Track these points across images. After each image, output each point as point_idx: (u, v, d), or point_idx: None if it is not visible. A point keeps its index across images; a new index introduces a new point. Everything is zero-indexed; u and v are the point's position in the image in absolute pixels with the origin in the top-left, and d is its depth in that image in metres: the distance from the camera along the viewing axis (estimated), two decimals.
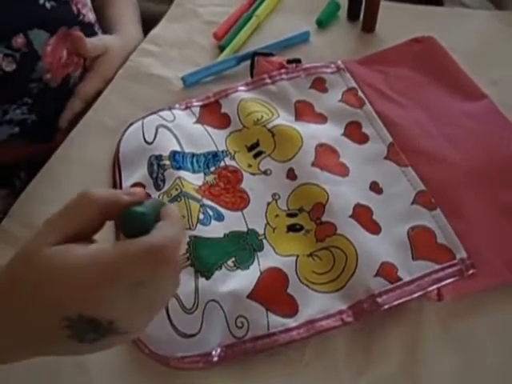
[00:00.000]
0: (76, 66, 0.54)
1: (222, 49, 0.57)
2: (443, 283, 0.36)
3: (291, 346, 0.36)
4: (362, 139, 0.46)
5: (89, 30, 0.55)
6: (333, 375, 0.35)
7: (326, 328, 0.36)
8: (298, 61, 0.51)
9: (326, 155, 0.45)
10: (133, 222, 0.26)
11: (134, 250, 0.25)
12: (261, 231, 0.42)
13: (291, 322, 0.37)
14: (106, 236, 0.29)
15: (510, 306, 0.37)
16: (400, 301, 0.36)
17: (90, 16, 0.56)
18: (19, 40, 0.47)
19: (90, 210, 0.27)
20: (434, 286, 0.36)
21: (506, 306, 0.37)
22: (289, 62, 0.51)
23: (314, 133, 0.47)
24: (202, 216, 0.42)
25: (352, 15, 0.58)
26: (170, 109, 0.51)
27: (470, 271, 0.37)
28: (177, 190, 0.44)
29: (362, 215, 0.41)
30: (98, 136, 0.51)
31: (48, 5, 0.50)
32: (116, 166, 0.48)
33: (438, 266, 0.37)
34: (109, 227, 0.32)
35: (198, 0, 0.63)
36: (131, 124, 0.50)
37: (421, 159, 0.43)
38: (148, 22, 0.64)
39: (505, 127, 0.44)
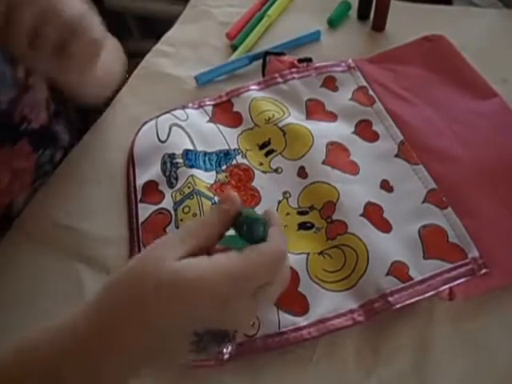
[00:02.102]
0: (20, 189, 0.43)
1: (234, 48, 0.55)
2: (455, 283, 0.34)
3: (301, 345, 0.34)
4: (373, 137, 0.44)
5: (39, 137, 0.44)
6: (343, 374, 0.34)
7: (337, 327, 0.34)
8: (309, 60, 0.49)
9: (336, 153, 0.43)
10: (258, 229, 0.28)
11: (261, 258, 0.26)
12: None
13: (302, 321, 0.35)
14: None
15: None
16: (412, 300, 0.34)
17: (42, 116, 0.44)
18: None
19: (224, 223, 0.28)
20: (446, 286, 0.34)
21: None
22: (300, 61, 0.49)
23: (324, 131, 0.45)
24: None
25: (362, 15, 0.55)
26: (183, 108, 0.49)
27: (483, 271, 0.34)
28: (189, 188, 0.42)
29: (373, 213, 0.38)
30: (113, 135, 0.49)
31: None
32: (130, 163, 0.46)
33: (449, 265, 0.35)
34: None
35: (211, 1, 0.61)
36: (145, 123, 0.48)
37: (432, 157, 0.40)
38: (161, 23, 0.62)
39: None
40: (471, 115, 0.43)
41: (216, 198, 0.41)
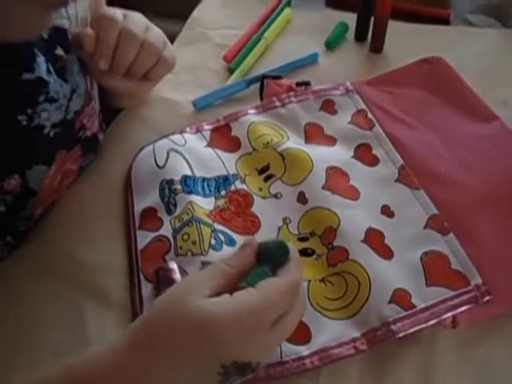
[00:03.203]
0: (65, 189, 0.47)
1: (231, 71, 0.56)
2: (458, 310, 0.35)
3: (304, 375, 0.35)
4: (373, 161, 0.45)
5: (90, 144, 0.48)
6: None
7: (340, 356, 0.35)
8: (307, 83, 0.51)
9: (336, 178, 0.44)
10: (285, 253, 0.32)
11: (278, 290, 0.29)
12: None
13: (304, 350, 0.35)
14: None
15: None
16: (415, 328, 0.35)
17: (95, 125, 0.49)
18: (13, 182, 0.39)
19: (251, 258, 0.32)
20: (449, 314, 0.35)
21: None
22: (298, 84, 0.50)
23: (324, 156, 0.46)
24: (213, 241, 0.41)
25: (360, 36, 0.57)
26: (181, 132, 0.50)
27: (486, 298, 0.35)
28: (188, 214, 0.43)
29: (374, 239, 0.40)
30: (111, 159, 0.51)
31: (52, 133, 0.41)
32: (128, 189, 0.47)
33: (452, 293, 0.36)
34: None
35: (208, 23, 0.63)
36: (143, 148, 0.50)
37: (432, 182, 0.42)
38: None
39: None
40: (472, 139, 0.44)
41: (215, 225, 0.42)
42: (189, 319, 0.28)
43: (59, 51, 0.40)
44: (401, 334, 0.35)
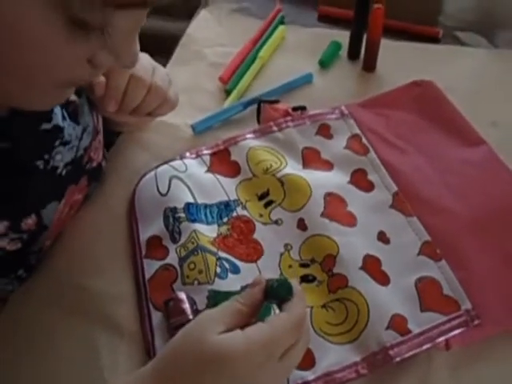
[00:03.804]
0: (71, 218, 0.49)
1: (228, 92, 0.58)
2: (450, 334, 0.39)
3: None
4: (368, 187, 0.48)
5: (95, 173, 0.50)
6: None
7: (343, 380, 0.38)
8: (303, 108, 0.53)
9: (334, 205, 0.47)
10: (289, 290, 0.35)
11: (285, 325, 0.32)
12: None
13: (310, 375, 0.39)
14: None
15: None
16: (411, 353, 0.38)
17: (100, 155, 0.51)
18: (29, 221, 0.41)
19: (259, 296, 0.35)
20: (442, 338, 0.39)
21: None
22: (294, 109, 0.53)
23: (321, 181, 0.49)
24: (219, 269, 0.44)
25: (352, 55, 0.60)
26: (181, 158, 0.52)
27: (476, 322, 0.39)
28: (193, 243, 0.45)
29: (372, 266, 0.43)
30: (113, 186, 0.52)
31: (64, 172, 0.44)
32: (132, 217, 0.49)
33: (444, 318, 0.39)
34: None
35: (202, 41, 0.64)
36: (145, 174, 0.52)
37: (424, 208, 0.45)
38: (165, 40, 0.65)
39: (504, 175, 0.46)
40: (461, 164, 0.47)
41: (220, 253, 0.45)
42: (205, 354, 0.31)
43: (72, 96, 0.42)
44: (398, 359, 0.38)
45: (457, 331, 0.39)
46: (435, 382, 0.39)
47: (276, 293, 0.35)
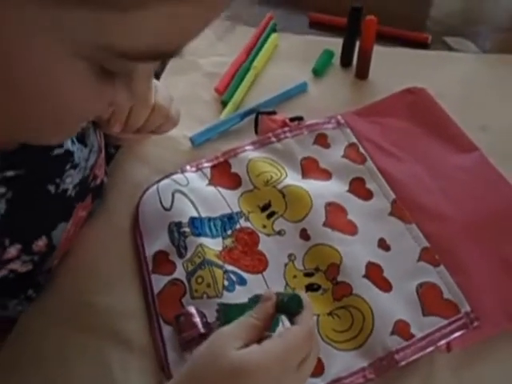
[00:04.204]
0: (76, 236, 0.50)
1: (224, 103, 0.59)
2: (451, 337, 0.41)
3: None
4: (367, 195, 0.50)
5: (98, 190, 0.51)
6: None
7: None
8: (300, 118, 0.54)
9: (335, 214, 0.49)
10: (300, 304, 0.37)
11: (300, 337, 0.34)
12: None
13: (319, 382, 0.41)
14: None
15: None
16: (415, 356, 0.41)
17: (103, 171, 0.52)
18: (40, 243, 0.42)
19: (271, 310, 0.36)
20: (444, 341, 0.41)
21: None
22: (292, 119, 0.54)
23: (321, 191, 0.50)
24: (226, 282, 0.45)
25: (345, 63, 0.61)
26: (182, 172, 0.54)
27: (475, 324, 0.42)
28: (199, 257, 0.47)
29: (374, 273, 0.45)
30: (116, 202, 0.53)
31: (73, 192, 0.45)
32: (137, 232, 0.51)
33: (445, 321, 0.42)
34: None
35: (197, 51, 0.65)
36: (147, 189, 0.53)
37: (422, 216, 0.47)
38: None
39: (497, 181, 0.48)
40: (455, 170, 0.50)
41: (226, 266, 0.47)
42: (226, 369, 0.33)
43: None
44: (403, 363, 0.40)
45: (457, 334, 0.41)
46: (438, 382, 0.41)
47: (287, 307, 0.37)
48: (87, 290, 0.48)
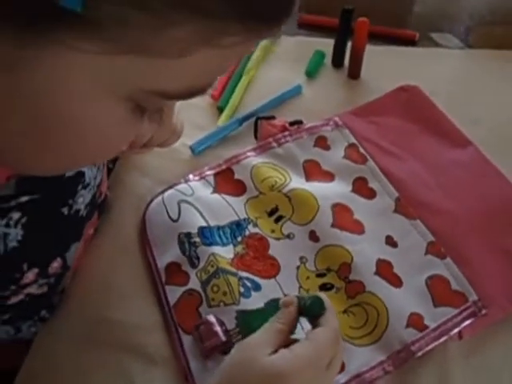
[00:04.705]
0: (85, 252, 0.51)
1: (220, 109, 0.60)
2: (462, 325, 0.44)
3: None
4: (370, 194, 0.52)
5: (103, 205, 0.52)
6: None
7: (372, 379, 0.43)
8: (299, 122, 0.56)
9: (341, 215, 0.51)
10: (322, 306, 0.39)
11: (328, 338, 0.36)
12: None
13: (341, 378, 0.43)
14: None
15: None
16: (430, 346, 0.43)
17: (105, 186, 0.52)
18: (55, 265, 0.43)
19: (295, 314, 0.38)
20: (456, 330, 0.44)
21: None
22: (291, 124, 0.56)
23: (326, 193, 0.52)
24: (242, 289, 0.47)
25: (337, 63, 0.63)
26: (185, 181, 0.54)
27: (483, 311, 0.44)
28: (213, 266, 0.48)
29: (385, 270, 0.47)
30: (120, 216, 0.54)
31: (85, 212, 0.45)
32: (146, 245, 0.51)
33: (456, 311, 0.45)
34: None
35: None
36: (151, 200, 0.53)
37: (425, 211, 0.50)
38: None
39: (492, 173, 0.51)
40: (452, 165, 0.52)
41: (240, 273, 0.48)
42: (259, 377, 0.34)
43: None
44: (420, 353, 0.43)
45: (468, 322, 0.44)
46: (452, 368, 0.44)
47: (310, 310, 0.39)
48: (102, 306, 0.48)
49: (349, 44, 0.61)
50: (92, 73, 0.24)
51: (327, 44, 0.63)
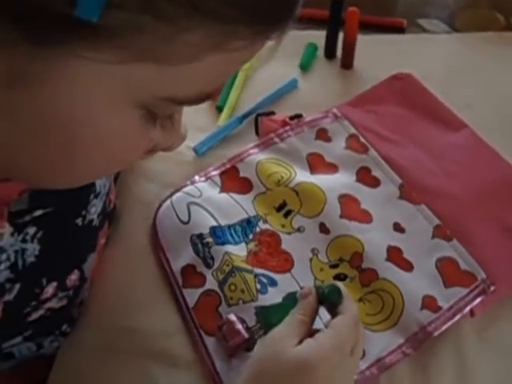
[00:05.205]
0: (99, 263, 0.51)
1: (219, 109, 0.61)
2: (474, 303, 0.46)
3: None
4: (374, 183, 0.54)
5: (112, 214, 0.52)
6: None
7: (393, 362, 0.45)
8: (299, 116, 0.57)
9: (349, 205, 0.52)
10: (340, 294, 0.40)
11: (349, 325, 0.38)
12: None
13: (362, 364, 0.45)
14: None
15: None
16: (446, 326, 0.45)
17: (114, 195, 0.53)
18: (73, 277, 0.44)
19: (315, 304, 0.40)
20: (468, 308, 0.46)
21: None
22: (291, 118, 0.57)
23: (332, 184, 0.54)
24: (258, 286, 0.48)
25: (330, 54, 0.64)
26: (192, 183, 0.55)
27: (492, 288, 0.47)
28: (228, 265, 0.49)
29: (395, 256, 0.49)
30: (129, 222, 0.54)
31: (97, 222, 0.46)
32: (159, 249, 0.52)
33: (466, 290, 0.47)
34: None
35: None
36: (160, 205, 0.54)
37: (428, 195, 0.52)
38: None
39: (488, 154, 0.53)
40: (449, 148, 0.55)
41: (255, 270, 0.49)
42: (286, 369, 0.36)
43: None
44: (436, 333, 0.45)
45: (478, 299, 0.46)
46: (467, 344, 0.46)
47: (328, 298, 0.41)
48: (121, 314, 0.49)
49: (340, 35, 0.63)
50: (104, 82, 0.24)
51: (319, 36, 0.65)
